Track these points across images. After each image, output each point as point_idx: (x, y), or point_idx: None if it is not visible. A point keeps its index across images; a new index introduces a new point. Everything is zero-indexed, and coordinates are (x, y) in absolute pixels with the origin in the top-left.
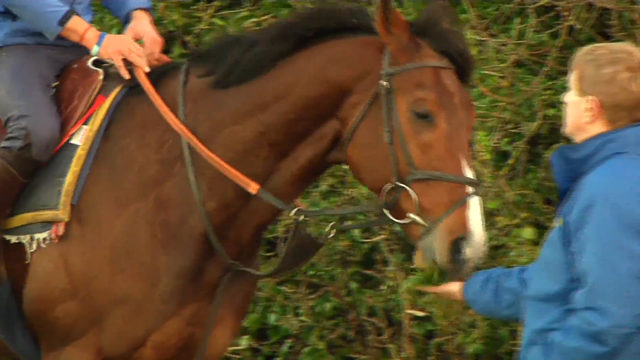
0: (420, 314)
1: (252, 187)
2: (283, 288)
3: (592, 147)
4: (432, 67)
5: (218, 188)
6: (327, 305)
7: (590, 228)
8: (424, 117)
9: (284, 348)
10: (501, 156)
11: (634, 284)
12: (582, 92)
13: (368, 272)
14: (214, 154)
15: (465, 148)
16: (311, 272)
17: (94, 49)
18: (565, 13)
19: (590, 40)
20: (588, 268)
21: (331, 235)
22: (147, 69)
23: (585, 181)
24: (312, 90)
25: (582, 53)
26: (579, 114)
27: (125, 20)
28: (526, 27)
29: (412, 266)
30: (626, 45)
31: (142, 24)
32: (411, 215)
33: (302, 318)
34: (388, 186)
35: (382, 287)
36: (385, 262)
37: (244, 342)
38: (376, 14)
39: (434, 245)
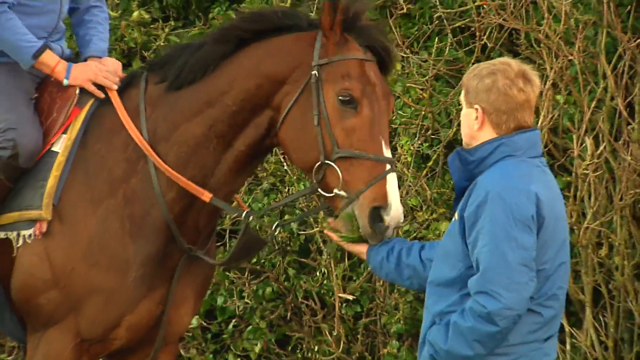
0: (349, 297)
1: (205, 196)
2: (229, 274)
3: (487, 150)
4: (357, 60)
5: (174, 182)
6: (268, 290)
7: (484, 221)
8: (349, 104)
9: (230, 327)
10: (422, 159)
11: (522, 271)
12: (469, 103)
13: (304, 260)
14: (168, 156)
15: (384, 132)
16: (254, 260)
17: (64, 82)
18: (479, 33)
19: (501, 55)
20: (481, 257)
21: (276, 233)
22: (115, 87)
23: (480, 180)
24: (250, 82)
25: (468, 72)
26: (471, 124)
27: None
28: (444, 45)
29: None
30: (505, 59)
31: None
32: (335, 190)
33: (246, 300)
34: (317, 164)
35: (316, 274)
36: (320, 252)
37: (195, 321)
38: (324, 11)
39: (356, 214)
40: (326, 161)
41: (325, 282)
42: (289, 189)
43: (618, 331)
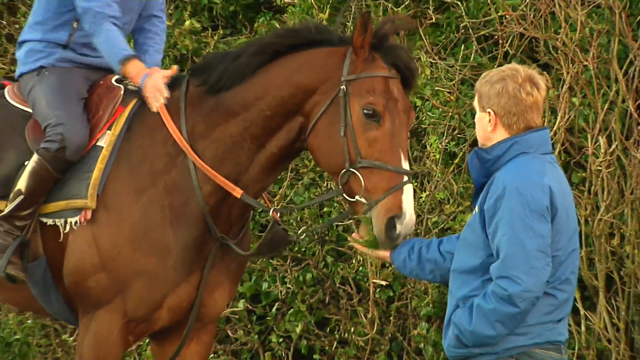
0: (383, 282)
1: (237, 192)
2: (272, 261)
3: (502, 149)
4: (382, 77)
5: (210, 179)
6: (308, 276)
7: (503, 213)
8: (372, 117)
9: (273, 310)
10: (449, 156)
11: (539, 257)
12: (482, 108)
13: (341, 249)
14: (205, 153)
15: (403, 144)
16: (295, 249)
17: (140, 86)
18: (502, 41)
19: (522, 62)
20: (501, 245)
21: (302, 237)
22: (161, 101)
23: (497, 175)
24: (284, 90)
25: (480, 79)
26: (484, 127)
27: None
28: (470, 52)
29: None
30: (514, 65)
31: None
32: (357, 196)
33: (288, 285)
34: (342, 171)
35: (352, 261)
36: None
37: (241, 304)
38: (357, 30)
39: (373, 220)
40: (350, 169)
41: (360, 268)
42: (327, 184)
43: (629, 314)
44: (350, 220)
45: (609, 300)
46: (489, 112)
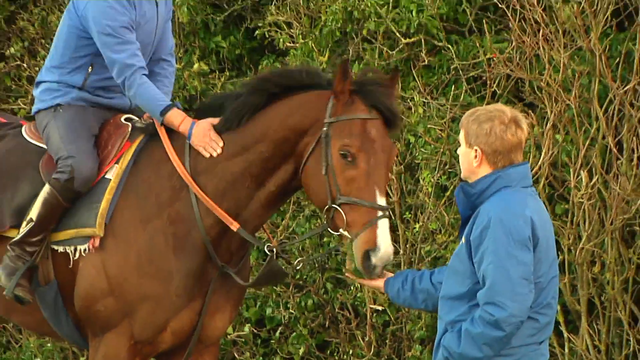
0: (379, 307)
1: (234, 226)
2: (276, 288)
3: (486, 183)
4: (360, 119)
5: (211, 212)
6: (309, 301)
7: (488, 243)
8: (348, 158)
9: (277, 334)
10: (441, 189)
11: (523, 284)
12: (469, 144)
13: (340, 276)
14: (207, 187)
15: (379, 182)
16: (297, 276)
17: (188, 140)
18: (489, 81)
19: (508, 101)
20: (487, 273)
21: (298, 268)
22: (218, 151)
23: (482, 208)
24: (279, 134)
25: (467, 115)
26: (470, 161)
27: None
28: (460, 92)
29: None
30: (500, 106)
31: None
32: (340, 229)
33: (290, 310)
34: (326, 207)
35: (351, 288)
36: None
37: (247, 329)
38: (337, 76)
39: (354, 253)
40: (333, 205)
41: (358, 294)
42: None
43: (609, 337)
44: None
45: (590, 324)
46: (476, 150)
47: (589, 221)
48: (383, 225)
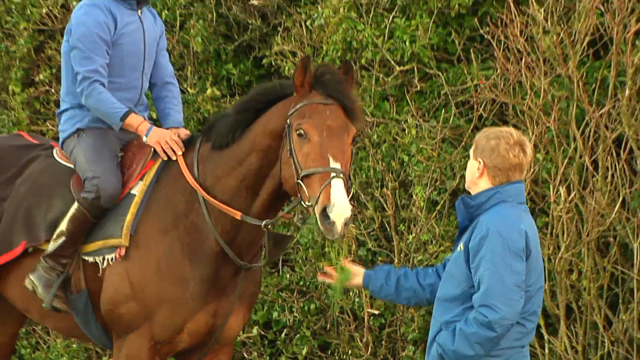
0: (375, 312)
1: (237, 215)
2: (282, 294)
3: (485, 197)
4: (312, 103)
5: (220, 218)
6: (312, 306)
7: (485, 251)
8: (303, 136)
9: (282, 335)
10: (432, 203)
11: (515, 290)
12: (475, 156)
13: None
14: (214, 197)
15: (333, 150)
16: (301, 283)
17: (144, 138)
18: (476, 105)
19: (493, 124)
20: (483, 278)
21: (268, 226)
22: (179, 153)
23: (482, 219)
24: (264, 142)
25: (481, 132)
26: (473, 172)
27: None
28: (449, 115)
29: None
30: (511, 129)
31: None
32: (306, 201)
33: (295, 314)
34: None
35: (350, 294)
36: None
37: (255, 331)
38: (297, 71)
39: (315, 217)
40: (297, 181)
41: (356, 300)
42: None
43: (586, 339)
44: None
45: (568, 327)
46: (480, 162)
47: (567, 233)
48: (336, 184)
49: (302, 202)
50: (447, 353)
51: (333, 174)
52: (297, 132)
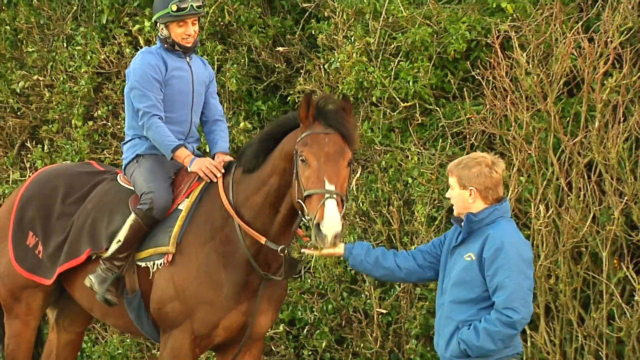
0: (383, 311)
1: (262, 240)
2: (304, 296)
3: (486, 214)
4: (313, 133)
5: (248, 234)
6: (330, 306)
7: (503, 261)
8: (304, 162)
9: (304, 331)
10: (431, 219)
11: (529, 294)
12: (463, 186)
13: (353, 287)
14: (245, 216)
15: (330, 174)
16: (320, 287)
17: (188, 168)
18: (469, 136)
19: (483, 151)
20: (504, 284)
21: (285, 252)
22: (219, 175)
23: (492, 233)
24: (281, 165)
25: (454, 165)
26: (465, 199)
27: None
28: (446, 144)
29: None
30: (480, 153)
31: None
32: (306, 216)
33: (315, 313)
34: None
35: (362, 296)
36: (364, 281)
37: (281, 328)
38: (302, 106)
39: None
40: (297, 200)
41: (367, 301)
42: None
43: (562, 333)
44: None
45: (547, 324)
46: (471, 189)
47: (545, 244)
48: (329, 204)
49: (304, 217)
50: (471, 348)
51: (327, 195)
52: (300, 158)
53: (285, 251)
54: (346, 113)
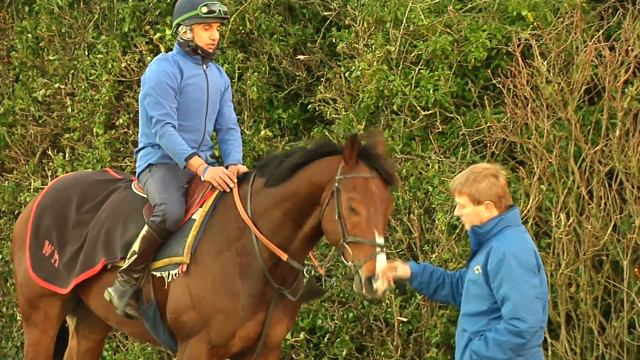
0: (404, 319)
1: (284, 256)
2: (325, 304)
3: (492, 224)
4: (362, 178)
5: (265, 246)
6: (350, 314)
7: (506, 272)
8: (352, 207)
9: (325, 339)
10: (452, 227)
11: (536, 302)
12: (478, 202)
13: None
14: (263, 228)
15: (379, 225)
16: (341, 295)
17: (202, 177)
18: (489, 144)
19: (504, 160)
20: (509, 295)
21: (333, 281)
22: (232, 185)
23: (495, 244)
24: (307, 189)
25: (460, 183)
26: (481, 214)
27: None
28: (466, 152)
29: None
30: (482, 164)
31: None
32: (349, 262)
33: (336, 321)
34: (339, 243)
35: (382, 304)
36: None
37: (302, 335)
38: (346, 147)
39: (355, 279)
40: (342, 243)
41: (388, 309)
42: None
43: (583, 342)
44: None
45: (568, 332)
46: (487, 203)
47: (566, 252)
48: (381, 258)
49: (343, 259)
50: (482, 358)
51: (378, 249)
52: (348, 203)
53: (312, 272)
54: (380, 147)
